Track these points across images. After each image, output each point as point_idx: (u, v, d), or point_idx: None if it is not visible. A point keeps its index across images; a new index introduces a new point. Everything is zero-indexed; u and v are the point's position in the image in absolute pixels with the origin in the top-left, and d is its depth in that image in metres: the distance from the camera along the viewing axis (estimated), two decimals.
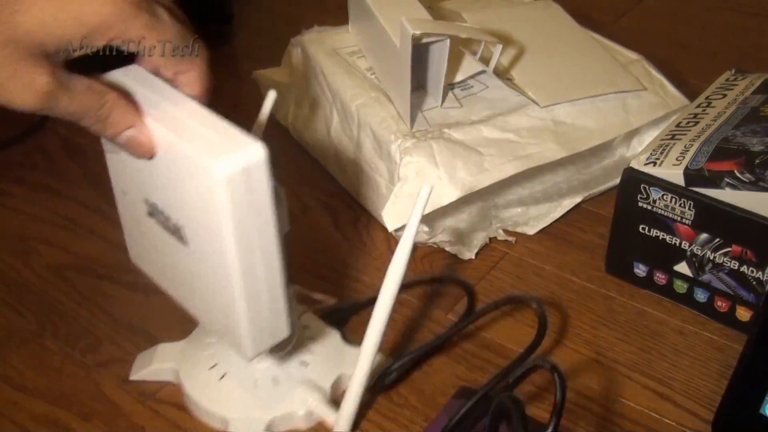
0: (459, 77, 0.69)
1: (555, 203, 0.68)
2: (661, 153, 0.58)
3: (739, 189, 0.53)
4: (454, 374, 0.55)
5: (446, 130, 0.65)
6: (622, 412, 0.52)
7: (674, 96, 0.70)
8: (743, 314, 0.57)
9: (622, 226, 0.60)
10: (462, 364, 0.56)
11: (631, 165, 0.58)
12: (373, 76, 0.71)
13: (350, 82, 0.70)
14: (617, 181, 0.60)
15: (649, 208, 0.57)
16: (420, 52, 0.64)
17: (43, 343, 0.58)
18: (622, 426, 0.51)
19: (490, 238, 0.66)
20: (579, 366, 0.56)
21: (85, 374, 0.55)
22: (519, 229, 0.67)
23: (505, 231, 0.66)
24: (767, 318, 0.42)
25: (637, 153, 0.62)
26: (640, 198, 0.58)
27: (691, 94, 0.70)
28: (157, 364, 0.54)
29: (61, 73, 0.36)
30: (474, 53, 0.70)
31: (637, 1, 1.02)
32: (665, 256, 0.58)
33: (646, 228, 0.58)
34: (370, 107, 0.67)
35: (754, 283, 0.55)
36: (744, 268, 0.55)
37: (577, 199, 0.68)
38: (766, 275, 0.53)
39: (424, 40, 0.62)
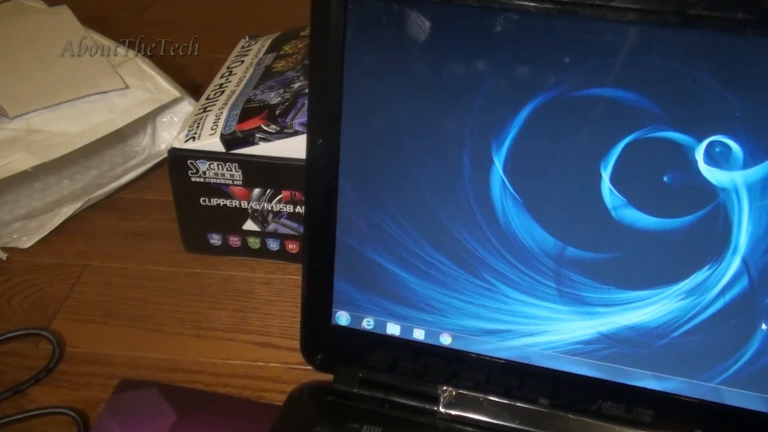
0: None
1: (53, 212, 0.68)
2: (197, 127, 0.61)
3: (270, 140, 0.58)
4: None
5: None
6: (231, 373, 0.55)
7: (165, 90, 0.70)
8: None
9: (184, 203, 0.62)
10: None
11: (173, 146, 0.60)
12: None
13: None
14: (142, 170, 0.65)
15: (202, 180, 0.60)
16: None
17: None
18: (233, 384, 0.54)
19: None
20: (181, 346, 0.57)
21: None
22: (12, 245, 0.66)
23: (3, 249, 0.65)
24: (311, 241, 0.47)
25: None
26: (191, 173, 0.60)
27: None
28: None
29: None
30: None
31: None
32: (231, 219, 0.62)
33: (206, 199, 0.61)
34: None
35: None
36: (298, 209, 0.60)
37: (77, 205, 0.68)
38: (303, 208, 0.59)
39: None
